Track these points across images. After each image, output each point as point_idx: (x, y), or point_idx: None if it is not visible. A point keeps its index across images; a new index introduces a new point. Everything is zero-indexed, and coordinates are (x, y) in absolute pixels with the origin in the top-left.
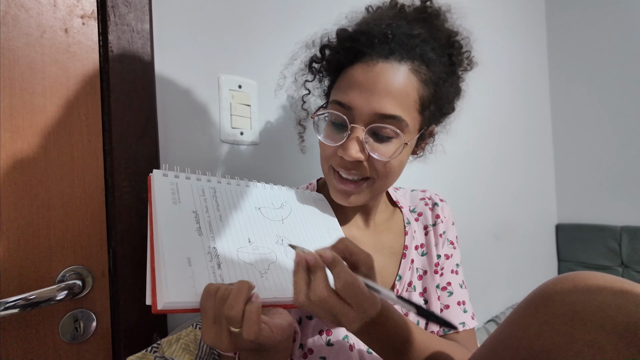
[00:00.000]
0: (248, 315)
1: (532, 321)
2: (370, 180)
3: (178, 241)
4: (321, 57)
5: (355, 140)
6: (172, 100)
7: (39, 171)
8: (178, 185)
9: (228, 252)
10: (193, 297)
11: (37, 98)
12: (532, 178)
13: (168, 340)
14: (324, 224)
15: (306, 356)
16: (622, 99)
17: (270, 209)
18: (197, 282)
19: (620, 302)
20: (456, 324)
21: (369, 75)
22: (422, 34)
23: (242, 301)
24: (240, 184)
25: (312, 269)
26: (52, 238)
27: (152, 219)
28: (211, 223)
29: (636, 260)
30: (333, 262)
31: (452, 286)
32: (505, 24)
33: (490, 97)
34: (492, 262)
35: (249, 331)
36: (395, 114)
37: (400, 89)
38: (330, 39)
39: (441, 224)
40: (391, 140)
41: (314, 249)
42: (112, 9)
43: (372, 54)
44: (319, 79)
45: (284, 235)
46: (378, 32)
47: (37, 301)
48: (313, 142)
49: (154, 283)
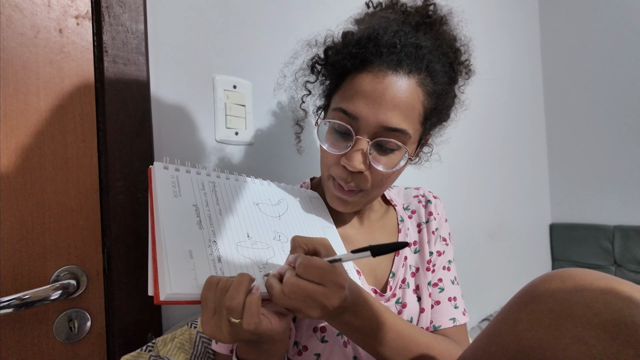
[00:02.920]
0: (248, 306)
1: (521, 317)
2: (366, 190)
3: (179, 234)
4: (324, 59)
5: (359, 151)
6: (166, 101)
7: (33, 171)
8: (179, 178)
9: (228, 246)
10: (195, 289)
11: (31, 98)
12: (526, 178)
13: (163, 339)
14: (319, 222)
15: (301, 353)
16: (615, 100)
17: (268, 205)
18: (198, 275)
19: (606, 299)
20: (446, 320)
21: (377, 86)
22: (429, 45)
23: (243, 292)
24: (239, 179)
25: (282, 272)
26: (47, 238)
27: (153, 212)
28: (211, 217)
29: (629, 259)
30: (292, 258)
31: (444, 282)
32: (499, 26)
33: (485, 98)
34: (486, 261)
35: (249, 322)
36: (400, 127)
37: (407, 102)
38: (335, 40)
39: (434, 221)
40: (394, 151)
41: None
42: (106, 10)
43: (381, 63)
44: (321, 81)
45: (281, 232)
46: (386, 41)
47: (32, 301)
48: (309, 143)
49: (156, 275)
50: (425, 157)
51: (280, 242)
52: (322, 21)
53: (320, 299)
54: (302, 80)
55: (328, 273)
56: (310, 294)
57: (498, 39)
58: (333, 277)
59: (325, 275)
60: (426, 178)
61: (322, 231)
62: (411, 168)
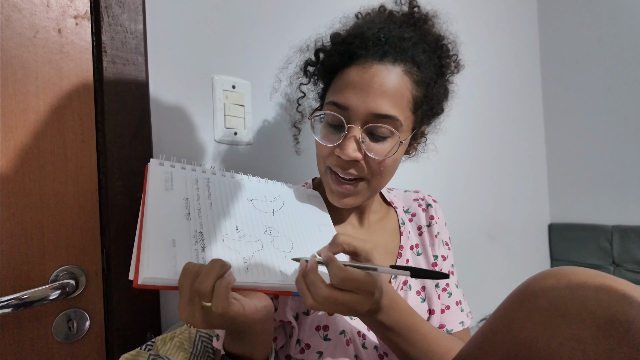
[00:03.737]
0: (217, 290)
1: (517, 315)
2: (366, 180)
3: (165, 223)
4: (316, 61)
5: (352, 139)
6: (165, 101)
7: (32, 171)
8: (172, 173)
9: (214, 237)
10: (173, 275)
11: (30, 98)
12: (525, 178)
13: (162, 338)
14: (315, 220)
15: (303, 351)
16: (614, 100)
17: (263, 202)
18: (178, 262)
19: (600, 297)
20: (456, 324)
21: (364, 76)
22: (413, 38)
23: (213, 277)
24: (235, 177)
25: (304, 274)
26: (46, 238)
27: (144, 204)
28: (201, 210)
29: (627, 259)
30: (327, 260)
31: (450, 287)
32: (498, 25)
33: (483, 98)
34: (485, 261)
35: (217, 305)
36: (390, 113)
37: (394, 90)
38: (325, 42)
39: (435, 224)
40: (386, 139)
41: (302, 243)
42: (105, 10)
43: (367, 55)
44: (314, 82)
45: (273, 227)
46: (371, 35)
47: (30, 301)
48: (308, 144)
49: (138, 260)
50: (422, 148)
51: (271, 236)
52: (322, 21)
53: (353, 306)
54: (297, 83)
55: (364, 284)
56: (344, 303)
57: (497, 39)
58: (368, 287)
59: (360, 285)
60: (425, 177)
61: (318, 229)
62: (410, 165)
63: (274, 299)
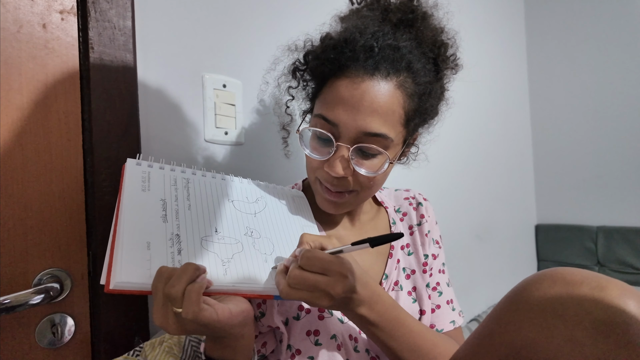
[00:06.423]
0: (188, 294)
1: (513, 317)
2: (355, 192)
3: (140, 226)
4: (305, 64)
5: (340, 158)
6: (154, 99)
7: (15, 170)
8: (150, 174)
9: (191, 240)
10: (147, 279)
11: (13, 95)
12: (512, 180)
13: (151, 343)
14: (298, 221)
15: (294, 357)
16: (600, 102)
17: (244, 203)
18: (153, 266)
19: (597, 298)
20: (447, 323)
21: (354, 93)
22: (408, 45)
23: (185, 281)
24: (216, 177)
25: (287, 265)
26: (29, 240)
27: (119, 206)
28: (178, 211)
29: (611, 259)
30: (298, 252)
31: (441, 286)
32: (485, 26)
33: (471, 99)
34: (474, 262)
35: (187, 310)
36: (380, 132)
37: (385, 107)
38: (314, 44)
39: (426, 223)
40: (376, 155)
41: (284, 244)
42: (92, 5)
43: (358, 68)
44: (303, 86)
45: (254, 228)
46: (363, 44)
47: (12, 305)
48: (297, 147)
49: (110, 263)
50: (413, 156)
51: (252, 238)
52: (313, 20)
53: (324, 288)
54: (285, 85)
55: (330, 263)
56: (315, 284)
57: (483, 41)
58: (335, 267)
59: (327, 265)
60: (414, 179)
61: (300, 229)
62: (400, 169)
63: (262, 303)
